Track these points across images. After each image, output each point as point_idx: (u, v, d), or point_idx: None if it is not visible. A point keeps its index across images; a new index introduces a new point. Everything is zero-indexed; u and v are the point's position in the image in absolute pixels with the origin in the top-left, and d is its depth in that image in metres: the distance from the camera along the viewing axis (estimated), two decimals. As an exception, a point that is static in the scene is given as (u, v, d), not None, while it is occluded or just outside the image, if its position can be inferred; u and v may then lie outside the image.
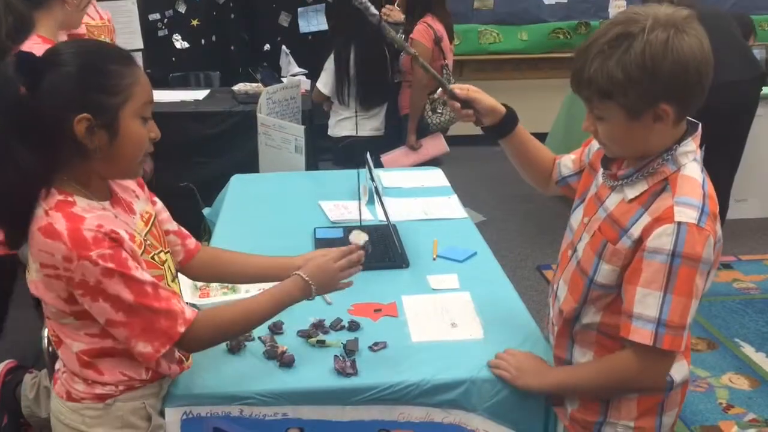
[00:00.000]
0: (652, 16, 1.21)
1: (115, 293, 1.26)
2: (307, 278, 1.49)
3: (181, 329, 1.31)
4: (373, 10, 1.69)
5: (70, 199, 1.29)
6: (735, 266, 4.08)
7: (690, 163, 1.30)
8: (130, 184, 1.48)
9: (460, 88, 1.60)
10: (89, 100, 1.25)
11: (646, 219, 1.28)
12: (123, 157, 1.33)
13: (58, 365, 1.48)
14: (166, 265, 1.47)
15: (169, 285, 1.47)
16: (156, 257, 1.43)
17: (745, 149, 4.12)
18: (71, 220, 1.25)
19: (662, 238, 1.23)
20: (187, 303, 1.37)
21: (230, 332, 1.49)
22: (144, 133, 1.35)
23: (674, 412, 1.45)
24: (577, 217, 1.51)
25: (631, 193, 1.33)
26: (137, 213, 1.44)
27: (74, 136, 1.25)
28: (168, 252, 1.51)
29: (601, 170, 1.44)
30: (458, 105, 1.60)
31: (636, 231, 1.29)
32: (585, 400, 1.46)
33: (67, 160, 1.29)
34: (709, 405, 2.81)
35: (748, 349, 3.21)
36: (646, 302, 1.26)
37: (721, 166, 4.06)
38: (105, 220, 1.29)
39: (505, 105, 1.61)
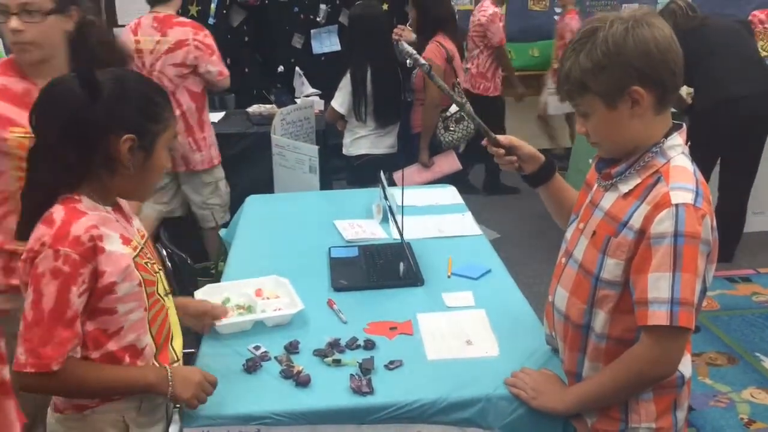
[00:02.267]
0: (615, 15, 1.34)
1: (42, 293, 1.30)
2: (170, 376, 1.45)
3: (56, 367, 1.32)
4: (422, 60, 1.79)
5: (76, 197, 1.39)
6: (754, 279, 4.04)
7: (678, 155, 1.37)
8: (126, 206, 1.55)
9: (503, 138, 1.68)
10: (138, 123, 1.39)
11: (645, 209, 1.33)
12: (146, 180, 1.48)
13: None
14: (158, 276, 1.52)
15: (161, 297, 1.51)
16: (149, 265, 1.48)
17: (762, 162, 4.10)
18: (69, 213, 1.35)
19: (664, 223, 1.29)
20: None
21: (89, 393, 1.44)
22: (166, 161, 1.47)
23: (685, 406, 1.47)
24: (571, 228, 1.56)
25: (625, 188, 1.40)
26: (134, 227, 1.52)
27: (115, 152, 1.37)
28: (161, 269, 1.56)
29: (595, 183, 1.50)
30: (502, 151, 1.68)
31: (636, 222, 1.33)
32: (603, 410, 1.46)
33: (95, 171, 1.39)
34: (731, 420, 2.77)
35: (769, 363, 3.18)
36: (658, 286, 1.29)
37: (737, 179, 4.06)
38: (102, 222, 1.37)
39: (543, 154, 1.69)
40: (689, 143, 1.42)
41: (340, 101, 3.79)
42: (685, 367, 1.43)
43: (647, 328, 1.32)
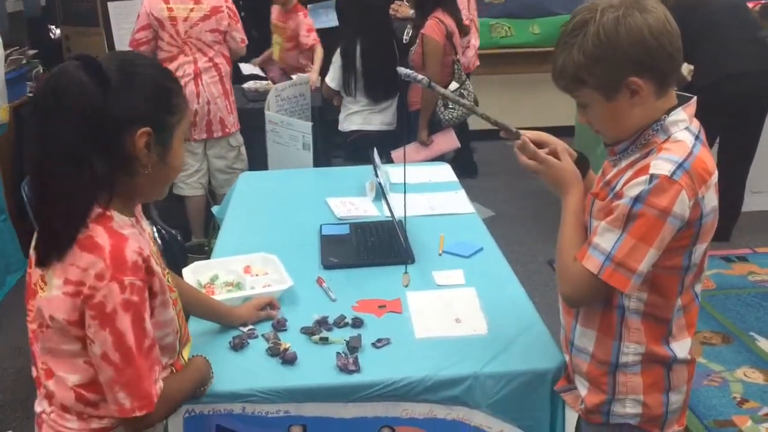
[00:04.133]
0: (605, 3, 1.29)
1: (122, 330, 1.20)
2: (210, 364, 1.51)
3: (156, 399, 1.25)
4: (419, 77, 1.74)
5: (108, 213, 1.24)
6: (751, 259, 4.02)
7: (680, 131, 1.33)
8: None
9: (533, 133, 1.55)
10: (154, 115, 1.24)
11: (628, 175, 1.33)
12: (165, 177, 1.32)
13: (40, 407, 1.36)
14: (167, 278, 1.40)
15: (180, 307, 1.44)
16: (165, 275, 1.37)
17: (761, 140, 4.07)
18: (114, 237, 1.21)
19: (634, 187, 1.28)
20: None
21: (177, 407, 1.44)
22: (182, 154, 1.35)
23: (682, 389, 1.44)
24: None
25: (625, 162, 1.38)
26: (146, 231, 1.41)
27: (131, 149, 1.22)
28: (167, 271, 1.45)
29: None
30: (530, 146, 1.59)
31: (618, 186, 1.34)
32: (593, 382, 1.45)
33: (113, 174, 1.23)
34: (723, 399, 2.78)
35: (764, 343, 3.16)
36: (604, 236, 1.31)
37: (736, 158, 4.03)
38: (141, 242, 1.26)
39: (578, 152, 1.62)
40: None
41: (332, 76, 3.76)
42: (681, 348, 1.41)
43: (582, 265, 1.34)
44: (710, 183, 1.31)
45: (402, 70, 1.75)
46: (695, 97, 1.37)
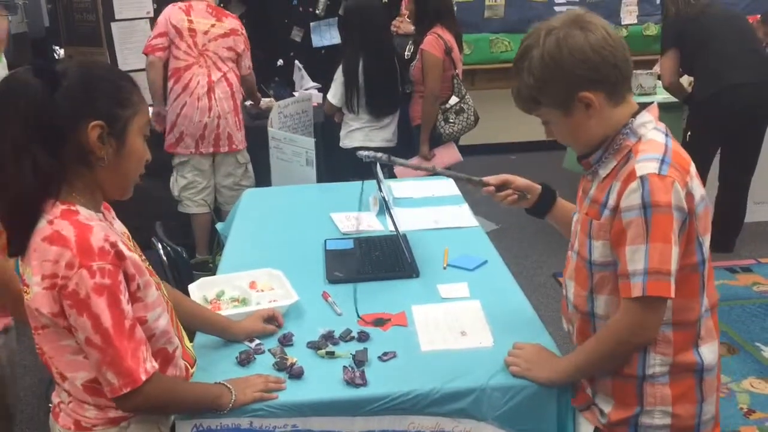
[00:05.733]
0: (546, 27, 1.37)
1: (97, 313, 1.26)
2: (230, 386, 1.50)
3: (144, 377, 1.30)
4: (379, 154, 1.84)
5: (73, 208, 1.32)
6: (755, 269, 4.02)
7: (650, 131, 1.39)
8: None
9: (494, 178, 1.72)
10: (103, 109, 1.30)
11: (617, 186, 1.36)
12: (125, 172, 1.38)
13: (57, 399, 1.46)
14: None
15: (165, 294, 1.49)
16: (148, 266, 1.45)
17: (763, 151, 4.08)
18: (79, 227, 1.28)
19: (631, 196, 1.31)
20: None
21: (175, 407, 1.47)
22: (144, 150, 1.40)
23: (711, 399, 1.45)
24: (573, 221, 1.58)
25: (604, 172, 1.43)
26: (117, 230, 1.46)
27: (85, 142, 1.29)
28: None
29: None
30: (492, 189, 1.72)
31: (612, 200, 1.37)
32: (619, 397, 1.45)
33: (72, 168, 1.32)
34: (731, 410, 2.77)
35: (770, 353, 3.17)
36: (634, 258, 1.32)
37: (738, 169, 4.04)
38: (109, 232, 1.31)
39: (541, 183, 1.72)
40: (689, 133, 1.44)
41: (334, 93, 3.79)
42: (709, 352, 1.42)
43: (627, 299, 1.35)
44: (692, 172, 1.36)
45: (362, 153, 1.85)
46: (655, 102, 1.45)
